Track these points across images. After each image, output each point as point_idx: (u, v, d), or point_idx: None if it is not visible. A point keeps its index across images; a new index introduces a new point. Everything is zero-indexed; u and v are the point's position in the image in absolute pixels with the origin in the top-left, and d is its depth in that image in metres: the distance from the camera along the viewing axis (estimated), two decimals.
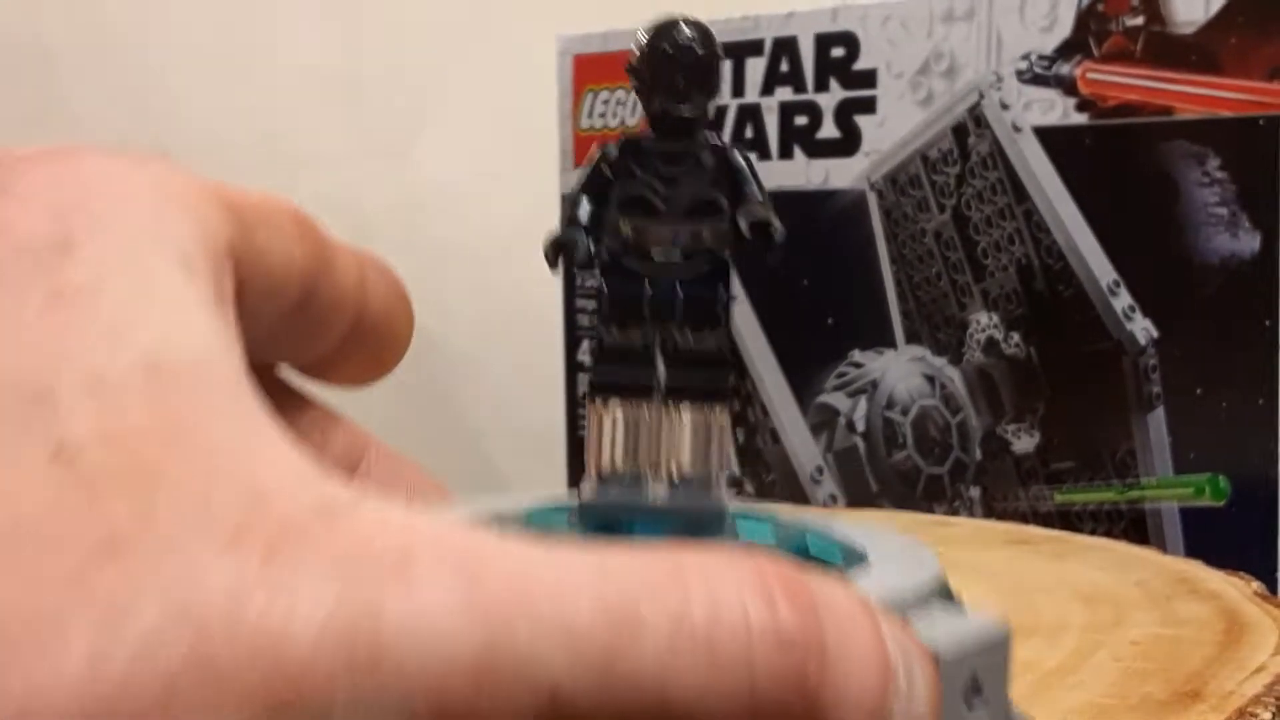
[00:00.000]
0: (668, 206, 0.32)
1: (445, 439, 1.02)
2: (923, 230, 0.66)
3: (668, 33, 0.32)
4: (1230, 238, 0.57)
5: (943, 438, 0.66)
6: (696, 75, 0.32)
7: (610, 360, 0.33)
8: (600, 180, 0.33)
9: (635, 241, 0.32)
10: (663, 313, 0.32)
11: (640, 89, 0.33)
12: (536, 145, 0.84)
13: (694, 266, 0.33)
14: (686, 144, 0.33)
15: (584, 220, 0.33)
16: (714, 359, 0.33)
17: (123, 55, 1.02)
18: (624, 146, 0.33)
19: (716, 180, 0.32)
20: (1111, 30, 0.60)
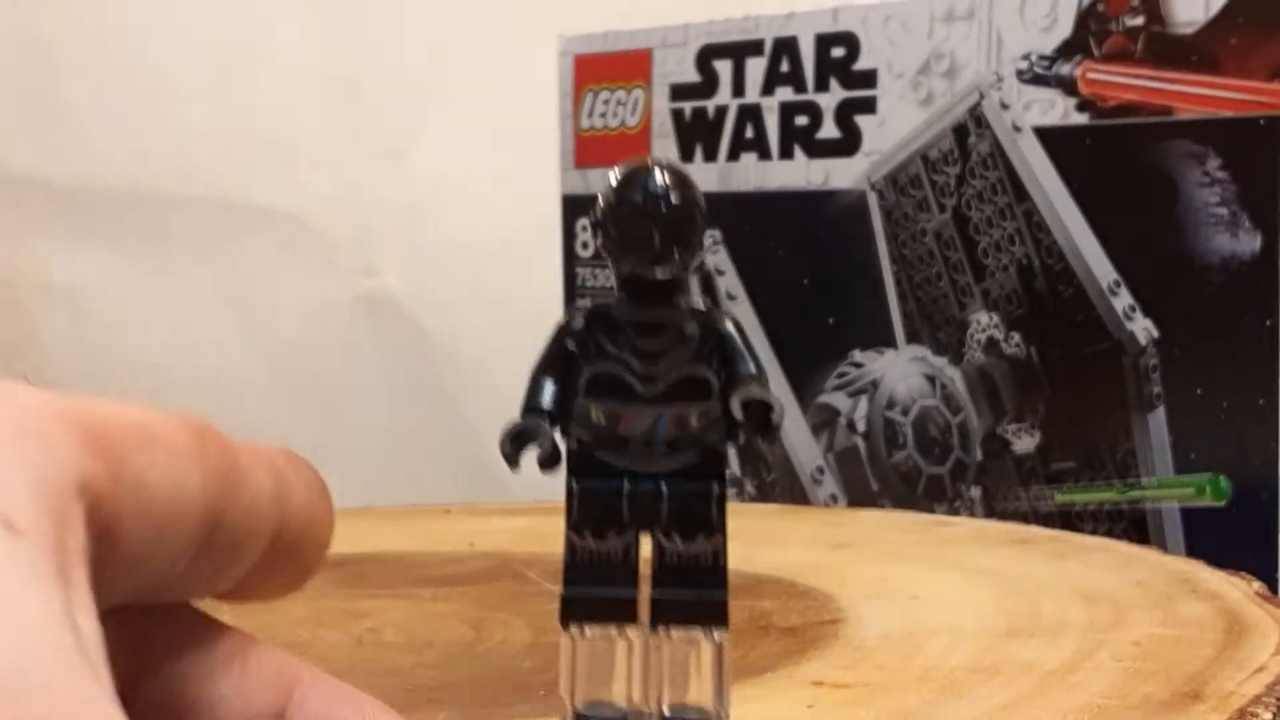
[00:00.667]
0: (646, 387, 0.27)
1: (445, 439, 1.02)
2: (923, 230, 0.66)
3: (638, 180, 0.27)
4: (1230, 238, 0.57)
5: (943, 438, 0.66)
6: (674, 230, 0.27)
7: (584, 575, 0.27)
8: (564, 357, 0.28)
9: (609, 429, 0.27)
10: (646, 515, 0.27)
11: (607, 248, 0.28)
12: (536, 145, 0.84)
13: (681, 457, 0.27)
14: (665, 312, 0.28)
15: (547, 405, 0.28)
16: (709, 570, 0.28)
17: (123, 55, 1.02)
18: (591, 316, 0.28)
19: (702, 353, 0.27)
20: (1112, 30, 0.60)
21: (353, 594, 0.50)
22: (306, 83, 1.02)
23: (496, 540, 0.59)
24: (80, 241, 1.02)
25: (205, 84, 1.02)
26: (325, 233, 1.02)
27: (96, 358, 1.02)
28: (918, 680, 0.38)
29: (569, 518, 0.28)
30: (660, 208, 0.27)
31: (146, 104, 1.02)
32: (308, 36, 1.02)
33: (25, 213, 1.02)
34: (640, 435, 0.27)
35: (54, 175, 1.02)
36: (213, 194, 1.02)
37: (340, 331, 1.02)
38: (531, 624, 0.46)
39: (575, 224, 0.78)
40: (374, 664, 0.42)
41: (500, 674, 0.41)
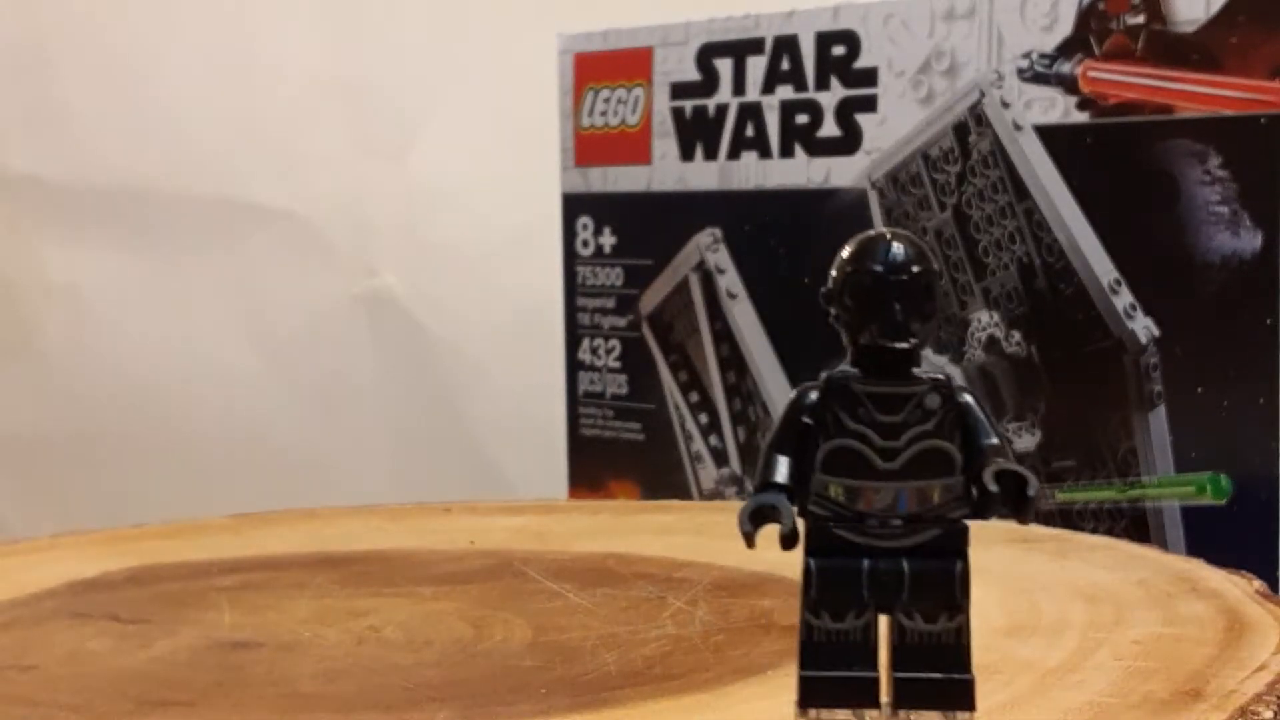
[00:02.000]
0: (887, 462, 0.27)
1: (445, 439, 1.02)
2: (924, 229, 0.66)
3: (877, 250, 0.27)
4: (1231, 236, 0.57)
5: None
6: (915, 302, 0.27)
7: (822, 657, 0.27)
8: (800, 431, 0.27)
9: (848, 506, 0.27)
10: (886, 594, 0.27)
11: (844, 319, 0.27)
12: (536, 144, 0.84)
13: (922, 534, 0.27)
14: (905, 384, 0.27)
15: (783, 480, 0.27)
16: (952, 650, 0.27)
17: (122, 55, 1.02)
18: (828, 389, 0.28)
19: (944, 427, 0.27)
20: (1112, 29, 0.60)
21: (353, 592, 0.50)
22: (306, 83, 1.02)
23: (497, 539, 0.59)
24: (80, 241, 1.02)
25: (205, 84, 1.02)
26: (325, 233, 1.02)
27: (96, 358, 1.02)
28: None
29: (805, 597, 0.27)
30: (901, 278, 0.27)
31: (146, 104, 1.02)
32: (308, 37, 1.02)
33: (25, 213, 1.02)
34: (881, 511, 0.27)
35: (54, 175, 1.02)
36: (213, 194, 1.02)
37: (340, 331, 1.02)
38: (532, 623, 0.46)
39: (575, 223, 0.78)
40: (374, 662, 0.42)
41: (500, 673, 0.41)
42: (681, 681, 0.39)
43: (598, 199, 0.77)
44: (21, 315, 1.03)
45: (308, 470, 1.00)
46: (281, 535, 0.60)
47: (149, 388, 1.02)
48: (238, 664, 0.42)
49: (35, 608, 0.50)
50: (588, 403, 0.78)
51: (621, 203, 0.76)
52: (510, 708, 0.37)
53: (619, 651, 0.42)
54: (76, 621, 0.47)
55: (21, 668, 0.42)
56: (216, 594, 0.50)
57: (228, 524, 0.63)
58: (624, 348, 0.77)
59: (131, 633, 0.46)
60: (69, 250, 1.02)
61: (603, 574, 0.52)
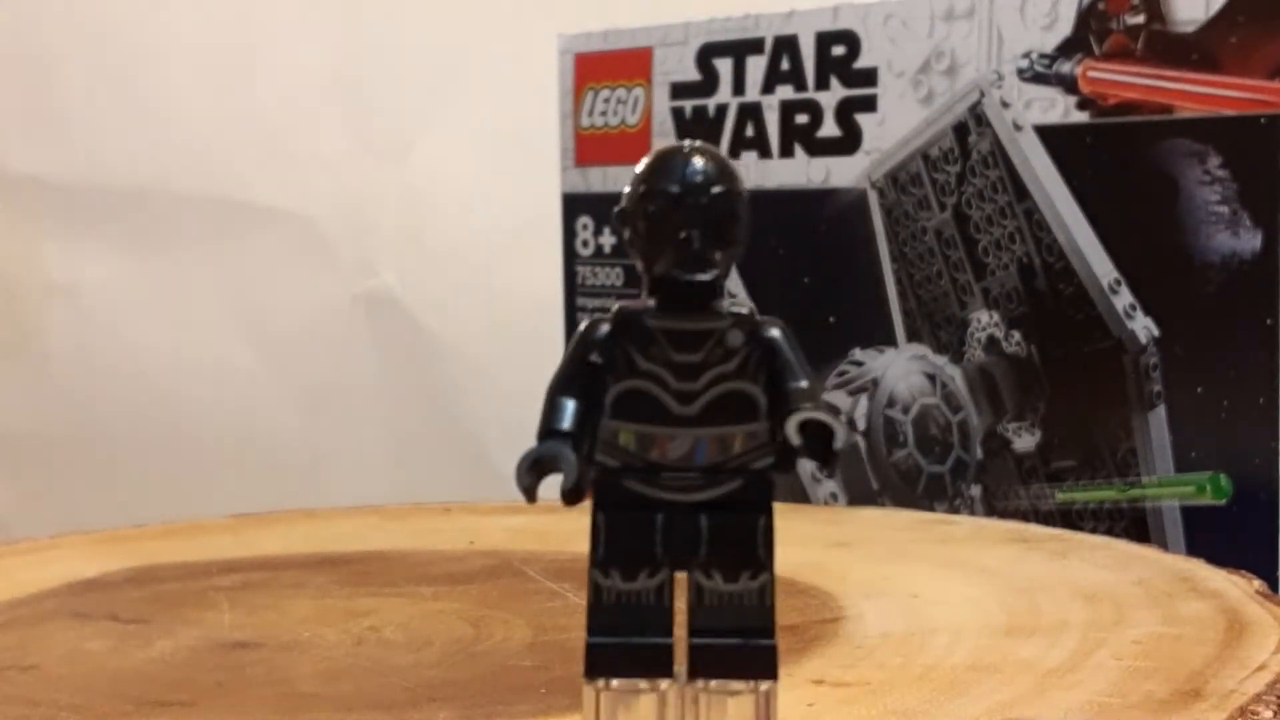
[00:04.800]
0: (683, 406, 0.24)
1: (445, 439, 1.02)
2: (923, 229, 0.66)
3: (673, 167, 0.24)
4: (1231, 236, 0.57)
5: (944, 436, 0.66)
6: (716, 226, 0.23)
7: (611, 621, 0.24)
8: (587, 371, 0.24)
9: (640, 454, 0.24)
10: (682, 551, 0.24)
11: (637, 245, 0.24)
12: (536, 144, 0.84)
13: (722, 486, 0.24)
14: (705, 319, 0.24)
15: (568, 427, 0.24)
16: (755, 612, 0.24)
17: (122, 55, 1.02)
18: (618, 323, 0.24)
19: (747, 366, 0.24)
20: (1112, 28, 0.60)
21: (353, 592, 0.50)
22: (306, 83, 1.02)
23: (496, 539, 0.59)
24: (80, 241, 1.02)
25: (205, 84, 1.02)
26: (325, 233, 1.02)
27: (96, 357, 1.02)
28: (918, 679, 0.38)
29: (593, 555, 0.24)
30: (700, 200, 0.23)
31: (146, 104, 1.02)
32: (308, 36, 1.02)
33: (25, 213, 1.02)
34: (676, 461, 0.24)
35: (54, 175, 1.02)
36: (213, 194, 1.02)
37: (340, 331, 1.02)
38: (531, 623, 0.46)
39: (575, 223, 0.78)
40: (374, 662, 0.42)
41: (500, 673, 0.41)
42: None
43: (598, 199, 0.77)
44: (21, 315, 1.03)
45: (307, 470, 1.00)
46: (281, 535, 0.60)
47: (149, 388, 1.02)
48: (238, 664, 0.42)
49: (35, 608, 0.50)
50: None
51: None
52: (510, 708, 0.37)
53: None
54: (76, 621, 0.47)
55: (21, 668, 0.42)
56: (216, 594, 0.51)
57: (227, 524, 0.63)
58: None
59: (131, 633, 0.46)
60: (69, 250, 1.02)
61: None
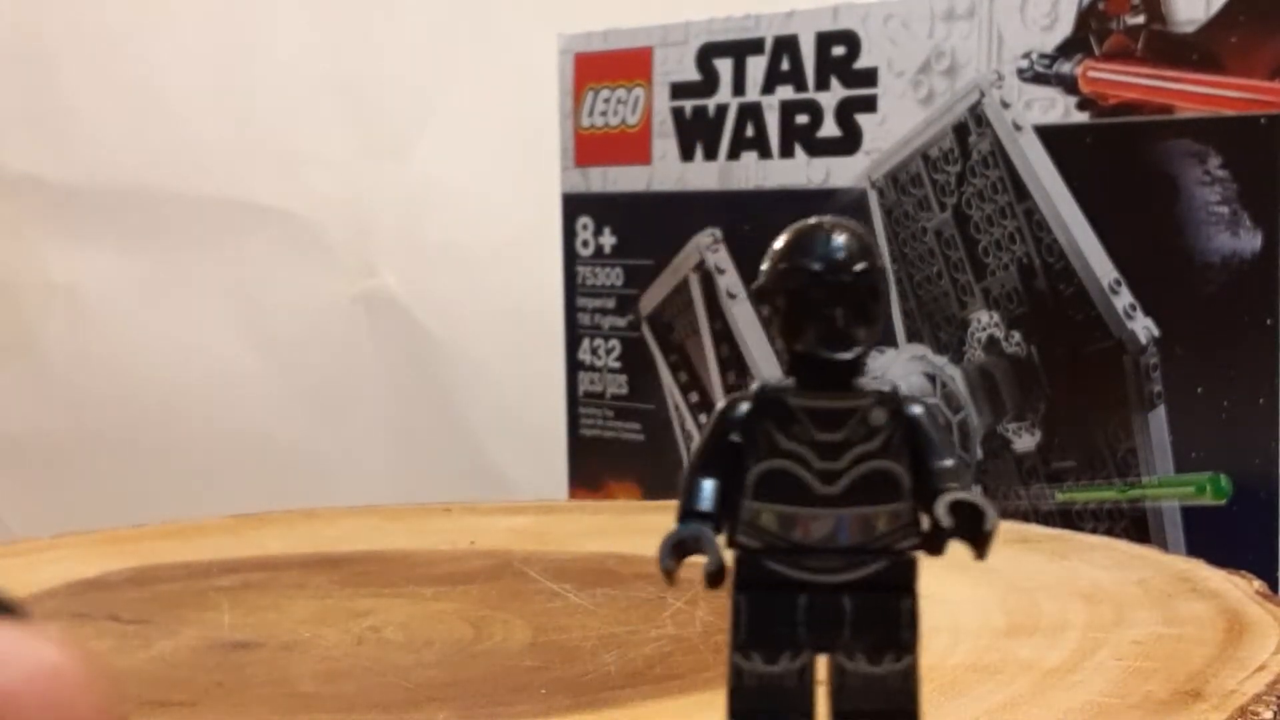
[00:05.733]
0: (826, 486, 0.23)
1: (445, 439, 1.02)
2: (923, 229, 0.66)
3: (814, 244, 0.23)
4: (1231, 236, 0.57)
5: None
6: (859, 305, 0.23)
7: (751, 705, 0.23)
8: (726, 451, 0.24)
9: (782, 535, 0.23)
10: (825, 634, 0.23)
11: (776, 323, 0.23)
12: (536, 144, 0.84)
13: (866, 567, 0.24)
14: (848, 397, 0.23)
15: (708, 508, 0.24)
16: (899, 695, 0.24)
17: (123, 55, 1.02)
18: (759, 402, 0.24)
19: (890, 445, 0.23)
20: (1112, 29, 0.60)
21: (353, 592, 0.50)
22: (306, 83, 1.02)
23: (497, 539, 0.59)
24: (80, 241, 1.02)
25: (205, 84, 1.02)
26: (325, 233, 1.02)
27: (96, 358, 1.02)
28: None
29: (734, 638, 0.24)
30: (843, 279, 0.23)
31: (146, 104, 1.02)
32: (308, 36, 1.02)
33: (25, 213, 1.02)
34: (819, 541, 0.23)
35: (54, 175, 1.02)
36: (213, 194, 1.02)
37: (340, 331, 1.02)
38: (532, 623, 0.46)
39: (575, 223, 0.78)
40: (374, 663, 0.42)
41: (500, 673, 0.41)
42: (681, 681, 0.39)
43: (598, 199, 0.77)
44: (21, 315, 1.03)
45: (307, 470, 1.00)
46: (281, 535, 0.60)
47: (149, 388, 1.02)
48: (238, 664, 0.42)
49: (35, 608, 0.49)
50: (588, 403, 0.78)
51: (621, 203, 0.76)
52: (510, 708, 0.37)
53: (619, 651, 0.42)
54: (76, 621, 0.47)
55: None
56: (216, 594, 0.50)
57: (227, 524, 0.63)
58: (624, 348, 0.77)
59: (131, 633, 0.46)
60: (69, 250, 1.02)
61: (603, 574, 0.52)
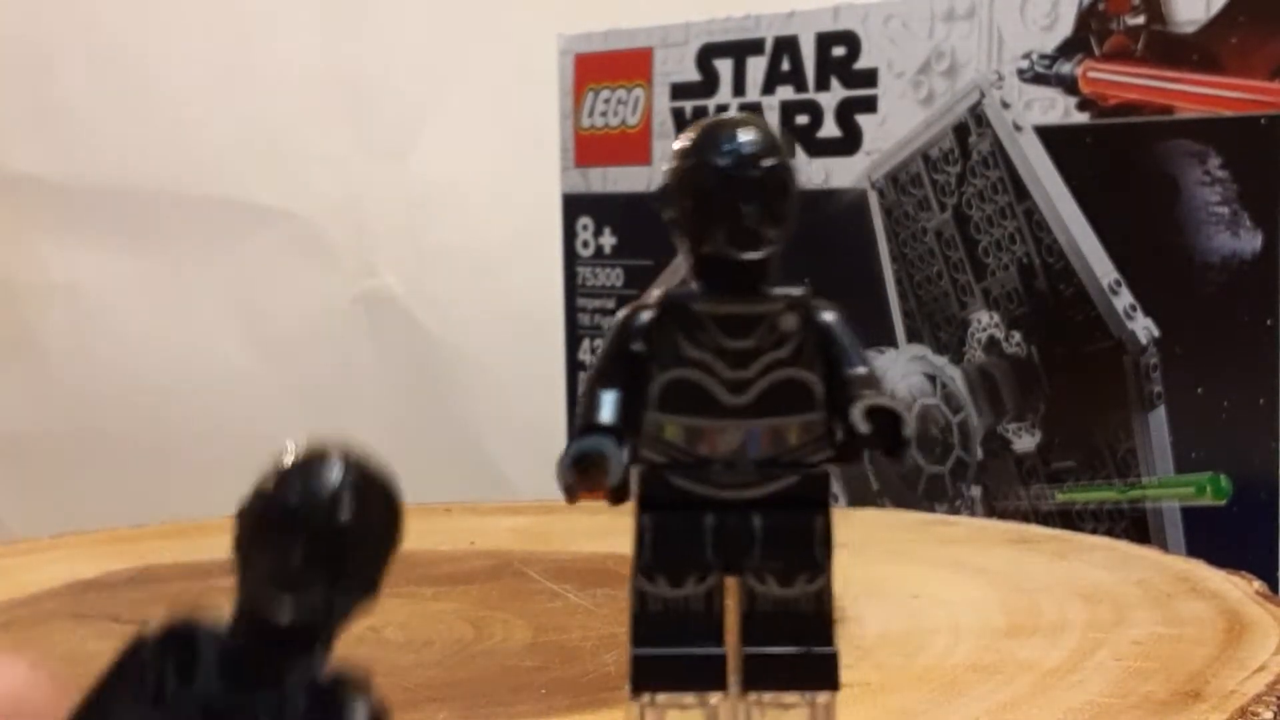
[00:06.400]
0: (734, 396, 0.22)
1: (445, 439, 1.02)
2: (924, 229, 0.66)
3: (720, 139, 0.22)
4: (1231, 236, 0.57)
5: (944, 437, 0.66)
6: (767, 201, 0.22)
7: (656, 630, 0.22)
8: (629, 360, 0.22)
9: (688, 449, 0.22)
10: (733, 554, 0.22)
11: (681, 223, 0.22)
12: (537, 145, 0.84)
13: (777, 482, 0.22)
14: (757, 302, 0.23)
15: (610, 421, 0.22)
16: (812, 619, 0.22)
17: (123, 55, 1.02)
18: (663, 310, 0.22)
19: (802, 353, 0.23)
20: (1112, 29, 0.60)
21: None
22: (306, 83, 1.02)
23: (497, 539, 0.59)
24: (80, 241, 1.02)
25: (205, 84, 1.02)
26: (325, 233, 1.02)
27: (96, 357, 1.02)
28: (918, 679, 0.38)
29: (637, 559, 0.23)
30: (752, 173, 0.22)
31: (146, 104, 1.02)
32: (308, 36, 1.02)
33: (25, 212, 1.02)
34: (726, 455, 0.22)
35: (54, 175, 1.02)
36: (213, 194, 1.02)
37: (340, 331, 1.02)
38: (532, 623, 0.46)
39: (575, 223, 0.78)
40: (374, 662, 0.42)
41: (500, 673, 0.41)
42: None
43: (598, 199, 0.77)
44: (21, 315, 1.03)
45: None
46: None
47: (149, 388, 1.02)
48: None
49: (35, 608, 0.50)
50: None
51: (621, 203, 0.76)
52: (510, 708, 0.37)
53: (619, 651, 0.42)
54: (76, 622, 0.47)
55: None
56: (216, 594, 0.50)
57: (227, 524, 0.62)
58: None
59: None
60: (69, 250, 1.02)
61: (603, 574, 0.52)
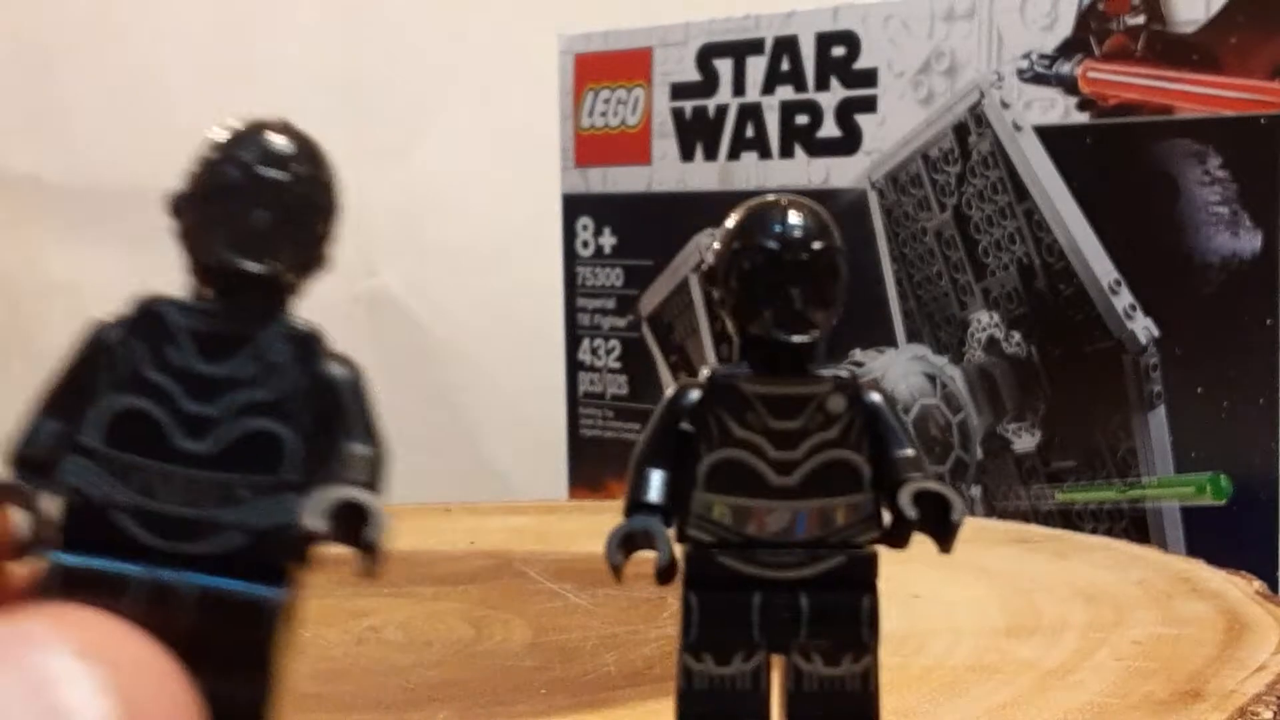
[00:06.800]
0: (782, 477, 0.22)
1: (445, 439, 1.02)
2: (923, 229, 0.66)
3: (769, 221, 0.22)
4: (1231, 236, 0.57)
5: (944, 437, 0.66)
6: (817, 283, 0.22)
7: (702, 707, 0.23)
8: (677, 439, 0.23)
9: (736, 529, 0.22)
10: (780, 633, 0.22)
11: (730, 304, 0.22)
12: (536, 145, 0.84)
13: (824, 563, 0.22)
14: (805, 383, 0.22)
15: (658, 500, 0.23)
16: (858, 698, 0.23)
17: (122, 55, 1.02)
18: (711, 388, 0.23)
19: (850, 434, 0.22)
20: (1112, 29, 0.60)
21: (353, 593, 0.50)
22: (306, 83, 1.02)
23: (497, 539, 0.59)
24: (80, 240, 1.02)
25: (206, 84, 1.02)
26: None
27: None
28: (918, 679, 0.38)
29: (684, 638, 0.23)
30: (800, 256, 0.22)
31: (146, 103, 1.02)
32: (308, 37, 1.02)
33: (25, 211, 1.02)
34: (775, 535, 0.22)
35: (54, 174, 1.02)
36: None
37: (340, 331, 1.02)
38: (532, 623, 0.46)
39: (575, 223, 0.78)
40: (374, 663, 0.42)
41: (500, 673, 0.41)
42: None
43: (598, 199, 0.77)
44: (21, 315, 1.03)
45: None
46: None
47: None
48: None
49: None
50: (588, 403, 0.78)
51: (621, 203, 0.76)
52: (510, 708, 0.37)
53: (619, 651, 0.42)
54: None
55: None
56: None
57: None
58: (624, 348, 0.77)
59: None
60: (69, 250, 1.02)
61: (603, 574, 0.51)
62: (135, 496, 0.20)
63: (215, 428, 0.20)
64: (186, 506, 0.20)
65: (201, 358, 0.21)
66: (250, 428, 0.20)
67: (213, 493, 0.20)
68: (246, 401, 0.21)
